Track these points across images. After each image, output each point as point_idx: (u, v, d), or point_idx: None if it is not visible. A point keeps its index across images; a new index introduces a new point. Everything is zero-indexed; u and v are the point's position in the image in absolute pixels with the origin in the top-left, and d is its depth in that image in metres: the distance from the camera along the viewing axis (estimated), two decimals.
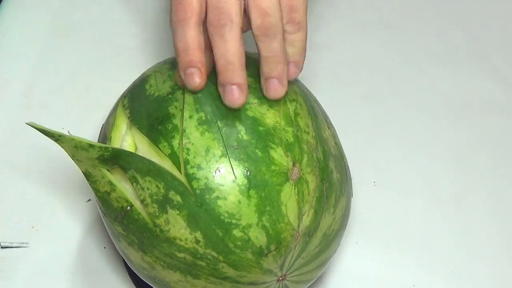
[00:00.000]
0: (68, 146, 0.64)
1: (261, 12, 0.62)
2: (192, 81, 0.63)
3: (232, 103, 0.64)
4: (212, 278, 0.65)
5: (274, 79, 0.65)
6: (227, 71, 0.63)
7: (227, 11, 0.62)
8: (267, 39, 0.64)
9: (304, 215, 0.65)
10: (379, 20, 1.02)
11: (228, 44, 0.62)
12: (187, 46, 0.62)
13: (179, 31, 0.62)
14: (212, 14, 0.62)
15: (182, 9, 0.62)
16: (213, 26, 0.62)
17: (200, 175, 0.63)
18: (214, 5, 0.62)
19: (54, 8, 0.97)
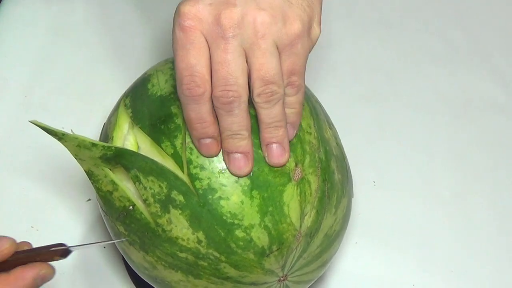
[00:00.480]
0: (71, 145, 0.64)
1: (264, 80, 0.62)
2: (209, 151, 0.63)
3: (238, 172, 0.63)
4: (214, 278, 0.65)
5: (276, 145, 0.65)
6: (232, 139, 0.63)
7: (235, 88, 0.61)
8: (269, 106, 0.63)
9: (306, 216, 0.65)
10: (379, 20, 1.02)
11: (235, 118, 0.62)
12: (203, 119, 0.62)
13: (193, 105, 0.62)
14: (219, 91, 0.61)
15: (195, 85, 0.61)
16: (220, 102, 0.61)
17: (203, 175, 0.63)
18: (222, 82, 0.61)
19: (54, 8, 0.97)
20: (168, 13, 0.98)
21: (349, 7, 1.03)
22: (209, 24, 0.61)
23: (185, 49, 0.61)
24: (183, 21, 0.61)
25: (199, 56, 0.61)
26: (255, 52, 0.61)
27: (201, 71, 0.61)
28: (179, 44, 0.61)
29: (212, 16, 0.61)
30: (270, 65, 0.61)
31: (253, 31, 0.61)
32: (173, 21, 0.62)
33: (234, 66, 0.61)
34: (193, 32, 0.61)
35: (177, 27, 0.61)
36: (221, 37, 0.60)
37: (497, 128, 0.94)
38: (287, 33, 0.62)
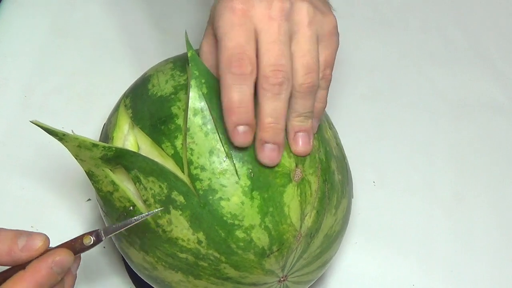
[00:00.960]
0: (72, 145, 0.64)
1: (308, 68, 0.63)
2: (244, 140, 0.62)
3: (270, 162, 0.63)
4: (214, 279, 0.65)
5: (304, 133, 0.65)
6: (272, 129, 0.62)
7: (286, 69, 0.62)
8: (309, 96, 0.64)
9: (306, 216, 0.65)
10: (379, 20, 1.02)
11: (280, 104, 0.62)
12: (246, 102, 0.62)
13: (239, 85, 0.61)
14: (270, 70, 0.61)
15: (244, 64, 0.61)
16: (270, 83, 0.61)
17: (203, 176, 0.63)
18: (273, 61, 0.61)
19: (54, 8, 0.97)
20: (168, 13, 0.98)
21: (349, 7, 1.03)
22: (262, 9, 0.62)
23: (235, 29, 0.62)
24: (236, 4, 0.62)
25: (249, 37, 0.62)
26: (300, 39, 0.63)
27: (251, 51, 0.62)
28: (229, 24, 0.62)
29: (264, 2, 0.63)
30: (314, 53, 0.64)
31: (301, 18, 0.63)
32: (221, 6, 0.63)
33: (286, 48, 0.62)
34: (244, 15, 0.62)
35: (228, 9, 0.62)
36: (274, 20, 0.62)
37: (497, 128, 0.94)
38: (327, 25, 0.65)
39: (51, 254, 0.59)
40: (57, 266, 0.59)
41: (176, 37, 0.94)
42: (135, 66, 0.90)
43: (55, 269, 0.59)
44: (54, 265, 0.59)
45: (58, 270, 0.59)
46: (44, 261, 0.58)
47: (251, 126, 0.62)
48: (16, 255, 0.59)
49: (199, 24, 0.96)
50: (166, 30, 0.96)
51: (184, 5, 0.99)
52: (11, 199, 0.82)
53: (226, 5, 0.63)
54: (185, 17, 0.98)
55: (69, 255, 0.60)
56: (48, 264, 0.58)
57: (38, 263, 0.58)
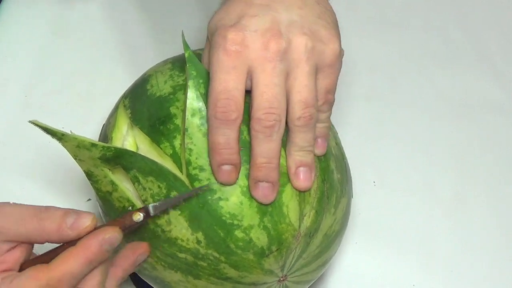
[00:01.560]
0: (71, 145, 0.64)
1: (306, 103, 0.63)
2: (228, 178, 0.63)
3: (263, 200, 0.63)
4: (213, 279, 0.65)
5: (305, 168, 0.65)
6: (265, 168, 0.63)
7: (278, 111, 0.62)
8: (307, 130, 0.64)
9: (305, 216, 0.65)
10: (380, 20, 1.02)
11: (272, 144, 0.63)
12: (230, 145, 0.62)
13: (224, 129, 0.62)
14: (262, 113, 0.62)
15: (231, 109, 0.61)
16: (262, 125, 0.62)
17: (202, 176, 0.63)
18: (266, 104, 0.62)
19: (54, 8, 0.97)
20: (167, 14, 0.98)
21: (349, 7, 1.03)
22: (256, 50, 0.62)
23: (226, 72, 0.62)
24: (230, 46, 0.62)
25: (239, 81, 0.62)
26: (298, 75, 0.63)
27: (238, 96, 0.62)
28: (220, 66, 0.62)
29: (259, 43, 0.62)
30: (310, 87, 0.63)
31: (298, 55, 0.63)
32: (214, 43, 0.63)
33: (280, 90, 0.62)
34: (238, 57, 0.62)
35: (221, 50, 0.62)
36: (269, 61, 0.62)
37: (497, 128, 0.94)
38: (329, 54, 0.65)
39: (102, 231, 0.59)
40: (106, 243, 0.59)
41: (175, 37, 0.94)
42: (134, 67, 0.90)
43: (105, 246, 0.59)
44: (104, 242, 0.59)
45: (107, 247, 0.59)
46: (95, 238, 0.59)
47: (235, 166, 0.63)
48: (65, 232, 0.59)
49: (197, 24, 0.95)
50: (165, 31, 0.96)
51: (183, 5, 0.99)
52: (11, 199, 0.82)
53: (220, 43, 0.62)
54: (184, 17, 0.98)
55: (118, 233, 0.60)
56: (98, 241, 0.59)
57: (88, 240, 0.59)
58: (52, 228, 0.59)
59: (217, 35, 0.63)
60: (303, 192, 0.65)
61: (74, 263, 0.58)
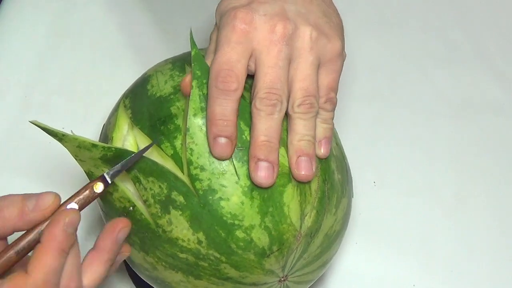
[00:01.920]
0: (71, 146, 0.64)
1: (307, 91, 0.64)
2: (223, 151, 0.63)
3: (265, 181, 0.63)
4: (214, 279, 0.65)
5: (306, 158, 0.65)
6: (265, 146, 0.63)
7: (280, 92, 0.63)
8: (308, 117, 0.65)
9: (306, 216, 0.65)
10: (380, 20, 1.02)
11: (273, 123, 0.63)
12: (227, 116, 0.63)
13: (222, 99, 0.63)
14: (264, 92, 0.63)
15: (231, 80, 0.63)
16: (264, 104, 0.63)
17: (203, 176, 0.63)
18: (269, 84, 0.63)
19: (54, 8, 0.97)
20: (168, 14, 0.98)
21: (349, 7, 1.03)
22: (263, 32, 0.64)
23: (231, 45, 0.63)
24: (239, 23, 0.63)
25: (242, 56, 0.63)
26: (301, 64, 0.64)
27: (240, 69, 0.63)
28: (226, 40, 0.63)
29: (267, 25, 0.64)
30: (313, 77, 0.64)
31: (303, 43, 0.64)
32: (223, 22, 0.64)
33: (282, 72, 0.63)
34: (245, 35, 0.63)
35: (229, 26, 0.64)
36: (275, 44, 0.63)
37: (497, 128, 0.94)
38: (331, 50, 0.66)
39: (60, 217, 0.58)
40: (69, 227, 0.58)
41: (176, 37, 0.94)
42: (135, 67, 0.90)
43: (69, 230, 0.58)
44: (67, 226, 0.58)
45: (71, 230, 0.58)
46: (57, 227, 0.58)
47: (231, 140, 0.63)
48: (28, 216, 0.58)
49: (199, 24, 0.95)
50: (166, 31, 0.96)
51: (184, 5, 0.99)
52: None
53: (229, 21, 0.64)
54: (185, 17, 0.98)
55: (76, 213, 0.59)
56: (61, 228, 0.58)
57: (52, 230, 0.58)
58: (14, 214, 0.58)
59: (227, 15, 0.64)
60: (304, 184, 0.65)
61: (49, 258, 0.57)
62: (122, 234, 0.62)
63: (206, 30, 0.88)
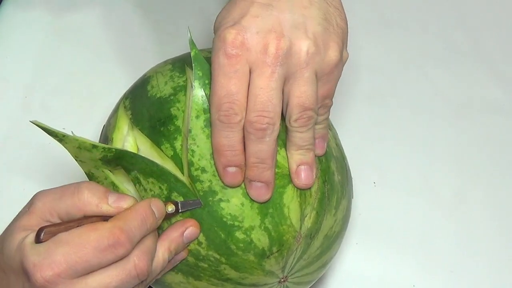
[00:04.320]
0: (71, 147, 0.64)
1: (304, 107, 0.63)
2: (234, 179, 0.63)
3: (257, 198, 0.63)
4: (214, 280, 0.65)
5: (306, 166, 0.65)
6: (256, 168, 0.63)
7: (271, 115, 0.62)
8: (305, 130, 0.64)
9: (306, 217, 0.65)
10: (380, 20, 1.02)
11: (264, 146, 0.63)
12: (234, 147, 0.62)
13: (227, 132, 0.62)
14: (255, 116, 0.61)
15: (234, 113, 0.61)
16: (254, 128, 0.62)
17: (204, 177, 0.63)
18: (260, 107, 0.61)
19: (54, 8, 0.97)
20: (168, 15, 0.98)
21: (349, 7, 1.03)
22: (257, 53, 0.61)
23: (227, 76, 0.61)
24: (230, 49, 0.61)
25: (241, 84, 0.61)
26: (297, 80, 0.62)
27: (240, 99, 0.61)
28: (221, 70, 0.61)
29: (260, 45, 0.61)
30: (310, 92, 0.63)
31: (299, 60, 0.62)
32: (215, 45, 0.62)
33: (275, 94, 0.62)
34: (238, 61, 0.61)
35: (221, 53, 0.61)
36: (268, 65, 0.61)
37: (497, 128, 0.94)
38: (328, 63, 0.64)
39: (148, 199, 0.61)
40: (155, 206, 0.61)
41: (176, 38, 0.94)
42: (135, 68, 0.89)
43: (154, 209, 0.61)
44: (153, 204, 0.61)
45: (156, 212, 0.61)
46: (144, 202, 0.61)
47: (240, 167, 0.63)
48: (105, 207, 0.59)
49: (198, 26, 0.95)
50: (166, 32, 0.96)
51: (184, 6, 0.99)
52: (12, 199, 0.82)
53: (219, 46, 0.62)
54: (185, 18, 0.98)
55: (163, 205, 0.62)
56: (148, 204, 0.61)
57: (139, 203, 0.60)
58: (92, 200, 0.59)
59: (217, 36, 0.63)
60: (304, 190, 0.65)
61: (133, 218, 0.58)
62: (190, 231, 0.63)
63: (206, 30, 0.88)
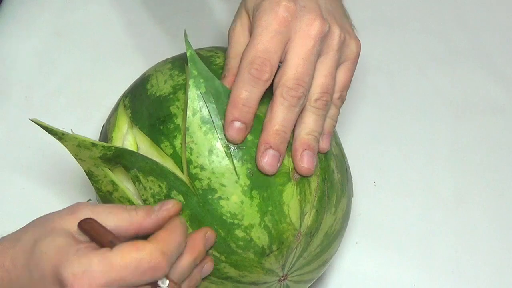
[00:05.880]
0: (71, 145, 0.64)
1: (327, 88, 0.65)
2: (237, 135, 0.63)
3: (269, 168, 0.63)
4: (214, 278, 0.65)
5: (310, 153, 0.65)
6: (279, 136, 0.63)
7: (307, 85, 0.64)
8: (321, 114, 0.66)
9: (306, 215, 0.65)
10: (380, 21, 1.02)
11: (292, 116, 0.64)
12: (251, 103, 0.63)
13: (251, 86, 0.63)
14: (293, 83, 0.63)
15: (265, 70, 0.63)
16: (290, 94, 0.63)
17: (203, 175, 0.63)
18: (298, 76, 0.64)
19: (54, 8, 0.98)
20: (167, 13, 0.98)
21: (349, 7, 1.03)
22: (302, 24, 0.65)
23: (270, 34, 0.64)
24: (283, 11, 0.64)
25: (279, 47, 0.64)
26: (327, 60, 0.66)
27: (275, 60, 0.64)
28: (267, 27, 0.64)
29: (307, 18, 0.65)
30: (334, 76, 0.67)
31: (332, 42, 0.66)
32: (266, 7, 0.65)
33: (312, 67, 0.65)
34: (286, 25, 0.64)
35: (272, 13, 0.64)
36: (311, 38, 0.64)
37: (498, 128, 0.94)
38: (353, 50, 0.69)
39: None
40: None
41: (175, 37, 0.95)
42: (134, 66, 0.89)
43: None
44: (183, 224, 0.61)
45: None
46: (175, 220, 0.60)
47: (247, 126, 0.64)
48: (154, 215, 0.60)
49: (197, 24, 0.96)
50: (165, 30, 0.96)
51: (184, 5, 0.99)
52: (12, 199, 0.82)
53: (272, 7, 0.64)
54: (184, 17, 0.98)
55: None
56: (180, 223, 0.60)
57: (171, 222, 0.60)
58: (141, 214, 0.59)
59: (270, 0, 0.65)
60: (303, 183, 0.65)
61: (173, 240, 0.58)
62: (210, 235, 0.62)
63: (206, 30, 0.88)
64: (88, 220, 0.58)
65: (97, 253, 0.55)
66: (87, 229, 0.57)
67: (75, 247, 0.56)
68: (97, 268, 0.54)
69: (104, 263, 0.55)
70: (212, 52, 0.72)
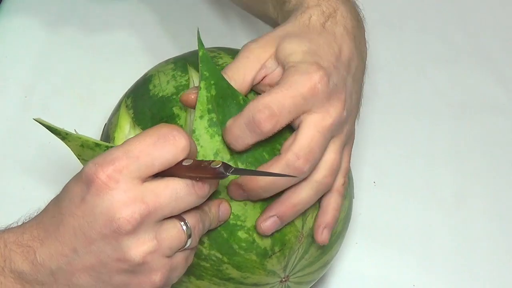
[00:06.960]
0: (74, 145, 0.64)
1: (330, 171, 0.64)
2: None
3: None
4: (216, 279, 0.65)
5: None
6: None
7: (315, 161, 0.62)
8: (317, 194, 0.64)
9: (308, 217, 0.65)
10: (380, 21, 1.02)
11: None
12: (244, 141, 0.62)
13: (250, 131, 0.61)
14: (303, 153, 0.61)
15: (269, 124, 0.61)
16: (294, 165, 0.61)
17: None
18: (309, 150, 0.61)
19: (54, 8, 0.97)
20: (169, 14, 0.98)
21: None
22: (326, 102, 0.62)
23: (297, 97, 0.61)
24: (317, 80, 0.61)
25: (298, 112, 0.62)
26: (336, 142, 0.64)
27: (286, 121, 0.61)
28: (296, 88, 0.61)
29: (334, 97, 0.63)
30: (339, 159, 0.65)
31: (342, 130, 0.65)
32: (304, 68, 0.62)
33: (325, 144, 0.63)
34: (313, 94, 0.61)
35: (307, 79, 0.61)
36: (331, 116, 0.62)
37: (497, 128, 0.94)
38: (352, 136, 0.69)
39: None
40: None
41: (177, 37, 0.94)
42: (136, 67, 0.89)
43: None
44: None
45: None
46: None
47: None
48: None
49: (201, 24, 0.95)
50: (168, 30, 0.96)
51: (186, 5, 0.99)
52: (12, 199, 0.82)
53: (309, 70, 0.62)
54: (187, 17, 0.98)
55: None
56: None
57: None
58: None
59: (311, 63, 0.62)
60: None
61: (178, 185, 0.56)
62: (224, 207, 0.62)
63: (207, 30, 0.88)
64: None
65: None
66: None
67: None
68: (116, 150, 0.55)
69: (122, 146, 0.55)
70: (215, 53, 0.72)
